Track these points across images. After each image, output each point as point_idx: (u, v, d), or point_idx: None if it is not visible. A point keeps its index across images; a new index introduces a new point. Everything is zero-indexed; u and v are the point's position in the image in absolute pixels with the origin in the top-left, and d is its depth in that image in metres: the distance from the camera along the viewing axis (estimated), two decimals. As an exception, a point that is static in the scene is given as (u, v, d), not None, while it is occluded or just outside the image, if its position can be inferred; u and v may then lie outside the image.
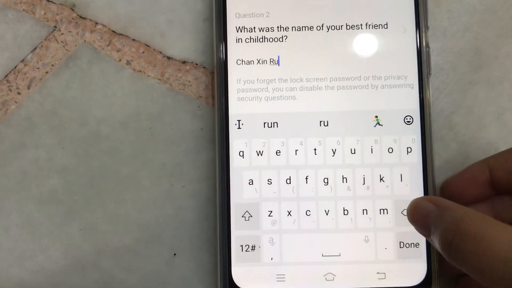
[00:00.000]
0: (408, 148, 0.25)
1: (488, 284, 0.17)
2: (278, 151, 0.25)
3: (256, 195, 0.25)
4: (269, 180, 0.25)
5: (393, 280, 0.24)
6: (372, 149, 0.25)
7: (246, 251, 0.24)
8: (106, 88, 0.26)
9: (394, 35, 0.25)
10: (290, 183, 0.25)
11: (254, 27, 0.25)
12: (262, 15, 0.25)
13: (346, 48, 0.25)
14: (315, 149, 0.25)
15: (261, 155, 0.25)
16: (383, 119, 0.25)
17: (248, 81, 0.25)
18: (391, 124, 0.25)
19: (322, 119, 0.25)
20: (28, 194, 0.26)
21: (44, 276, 0.26)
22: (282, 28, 0.25)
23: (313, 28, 0.25)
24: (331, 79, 0.25)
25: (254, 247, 0.24)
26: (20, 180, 0.26)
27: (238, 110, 0.25)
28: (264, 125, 0.25)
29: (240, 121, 0.25)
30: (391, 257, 0.24)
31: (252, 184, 0.25)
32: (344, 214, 0.25)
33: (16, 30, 0.27)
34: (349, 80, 0.25)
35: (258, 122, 0.25)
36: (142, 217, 0.26)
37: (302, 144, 0.25)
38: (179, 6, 0.27)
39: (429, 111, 0.25)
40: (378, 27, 0.25)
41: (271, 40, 0.25)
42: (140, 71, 0.27)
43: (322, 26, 0.25)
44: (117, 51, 0.27)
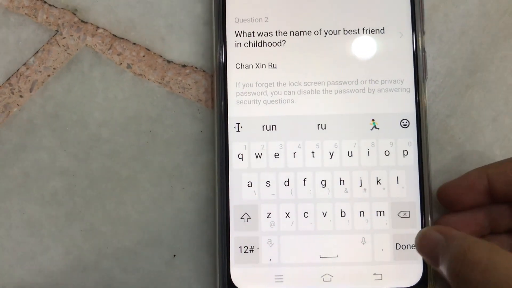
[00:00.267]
0: (405, 151, 0.25)
1: None
2: (277, 154, 0.25)
3: (255, 197, 0.25)
4: (268, 182, 0.25)
5: (390, 281, 0.24)
6: (369, 152, 0.25)
7: (245, 252, 0.25)
8: (107, 91, 0.27)
9: (391, 40, 0.25)
10: (288, 185, 0.25)
11: (253, 32, 0.25)
12: (261, 20, 0.25)
13: (344, 53, 0.25)
14: (313, 152, 0.25)
15: (260, 158, 0.25)
16: (380, 123, 0.25)
17: (247, 85, 0.25)
18: (388, 128, 0.25)
19: (320, 122, 0.25)
20: (30, 196, 0.26)
21: (45, 277, 0.26)
22: (281, 33, 0.25)
23: (311, 33, 0.25)
24: (329, 83, 0.25)
25: (253, 248, 0.25)
26: (22, 182, 0.26)
27: (237, 113, 0.25)
28: (263, 128, 0.25)
29: (239, 124, 0.25)
30: (388, 259, 0.25)
31: (251, 186, 0.25)
32: (342, 216, 0.25)
33: (19, 34, 0.27)
34: (346, 84, 0.25)
35: (257, 125, 0.25)
36: (142, 219, 0.26)
37: (300, 147, 0.25)
38: (179, 11, 0.27)
39: (425, 115, 0.25)
40: (375, 32, 0.25)
41: (270, 45, 0.25)
42: (141, 75, 0.27)
43: (320, 31, 0.25)
44: (118, 55, 0.27)
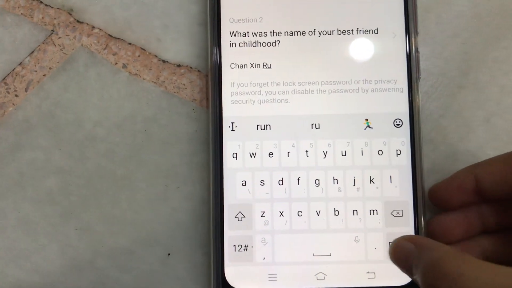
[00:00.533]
0: (398, 151, 0.25)
1: None
2: (271, 153, 0.25)
3: (249, 196, 0.25)
4: (262, 182, 0.25)
5: (383, 280, 0.25)
6: (363, 151, 0.25)
7: (239, 251, 0.25)
8: (102, 91, 0.27)
9: (385, 40, 0.26)
10: (282, 184, 0.25)
11: (248, 32, 0.26)
12: (256, 20, 0.26)
13: (337, 53, 0.26)
14: (307, 151, 0.25)
15: (254, 157, 0.25)
16: (373, 122, 0.25)
17: (242, 85, 0.25)
18: (381, 127, 0.25)
19: (314, 122, 0.25)
20: (25, 195, 0.26)
21: (41, 276, 0.26)
22: (275, 33, 0.26)
23: (305, 33, 0.26)
24: (323, 83, 0.25)
25: (247, 247, 0.25)
26: (17, 181, 0.26)
27: (232, 113, 0.25)
28: (257, 128, 0.25)
29: (234, 124, 0.25)
30: (381, 257, 0.25)
31: (245, 185, 0.25)
32: (335, 215, 0.25)
33: (14, 34, 0.27)
34: (340, 84, 0.25)
35: (251, 125, 0.25)
36: (137, 218, 0.26)
37: (294, 146, 0.25)
38: (175, 11, 0.27)
39: (418, 115, 0.25)
40: (369, 32, 0.26)
41: (264, 45, 0.26)
42: (136, 74, 0.27)
43: (314, 31, 0.26)
44: (113, 55, 0.27)
